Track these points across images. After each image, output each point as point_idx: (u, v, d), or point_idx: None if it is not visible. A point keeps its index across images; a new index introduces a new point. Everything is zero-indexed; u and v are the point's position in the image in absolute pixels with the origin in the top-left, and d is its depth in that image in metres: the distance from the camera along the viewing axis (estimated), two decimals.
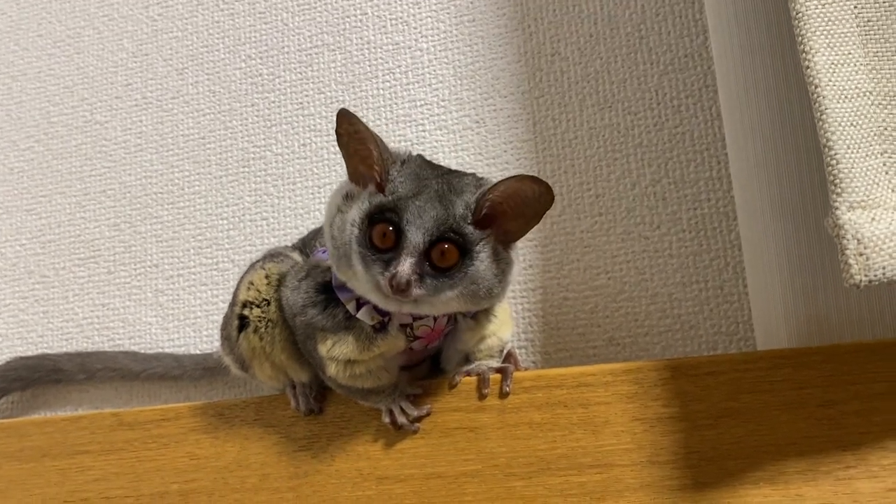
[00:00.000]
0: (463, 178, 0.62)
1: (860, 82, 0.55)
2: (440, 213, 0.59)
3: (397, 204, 0.59)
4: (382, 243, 0.59)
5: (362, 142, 0.61)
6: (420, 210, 0.59)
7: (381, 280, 0.58)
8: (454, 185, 0.61)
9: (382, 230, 0.59)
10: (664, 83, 0.86)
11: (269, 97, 1.00)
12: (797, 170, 0.69)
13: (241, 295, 0.72)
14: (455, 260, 0.59)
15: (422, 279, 0.58)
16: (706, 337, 0.79)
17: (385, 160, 0.61)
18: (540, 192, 0.59)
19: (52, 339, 0.99)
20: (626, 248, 0.83)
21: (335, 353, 0.65)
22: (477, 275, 0.60)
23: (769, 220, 0.71)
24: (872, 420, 0.60)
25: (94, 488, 0.77)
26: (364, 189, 0.62)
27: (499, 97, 0.91)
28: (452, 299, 0.60)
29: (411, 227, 0.58)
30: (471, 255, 0.60)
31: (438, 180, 0.61)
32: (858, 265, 0.50)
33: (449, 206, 0.59)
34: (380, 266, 0.59)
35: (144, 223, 1.00)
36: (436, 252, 0.59)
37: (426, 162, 0.64)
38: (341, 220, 0.62)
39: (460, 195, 0.60)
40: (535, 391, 0.68)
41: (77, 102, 1.07)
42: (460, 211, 0.59)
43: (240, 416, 0.75)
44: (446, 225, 0.59)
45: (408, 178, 0.61)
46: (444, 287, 0.59)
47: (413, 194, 0.59)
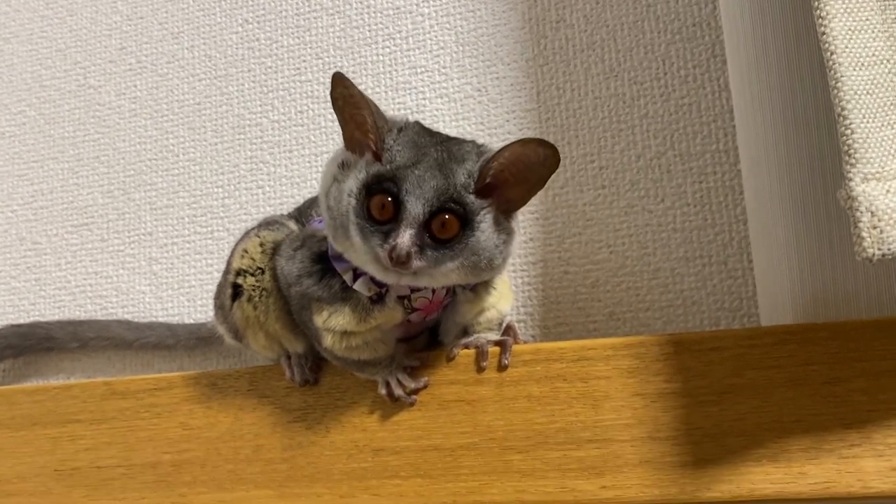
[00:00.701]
0: (463, 146, 0.60)
1: (878, 49, 0.53)
2: (440, 183, 0.57)
3: (396, 174, 0.57)
4: (381, 215, 0.57)
5: (357, 107, 0.59)
6: (420, 180, 0.57)
7: (381, 252, 0.57)
8: (454, 153, 0.59)
9: (381, 201, 0.57)
10: (671, 52, 0.84)
11: (265, 62, 0.97)
12: (807, 142, 0.68)
13: (234, 263, 0.70)
14: (456, 231, 0.58)
15: (422, 251, 0.57)
16: (709, 313, 0.78)
17: (380, 128, 0.59)
18: (545, 154, 0.57)
19: (44, 306, 0.98)
20: (629, 221, 0.81)
21: (331, 325, 0.64)
22: (478, 245, 0.58)
23: (777, 194, 0.69)
24: (879, 398, 0.59)
25: (85, 457, 0.76)
26: (360, 157, 0.60)
27: (502, 65, 0.89)
28: (453, 271, 0.59)
29: (410, 197, 0.57)
30: (472, 225, 0.58)
31: (438, 147, 0.59)
32: (872, 238, 0.48)
33: (449, 175, 0.57)
34: (378, 238, 0.57)
35: (138, 190, 0.98)
36: (436, 223, 0.57)
37: (424, 129, 0.62)
38: (337, 190, 0.60)
39: (461, 163, 0.58)
40: (533, 364, 0.66)
41: (70, 66, 1.05)
42: (462, 180, 0.58)
43: (233, 386, 0.74)
44: (447, 195, 0.57)
45: (406, 146, 0.59)
46: (445, 258, 0.58)
47: (412, 163, 0.58)
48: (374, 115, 0.59)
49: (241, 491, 0.70)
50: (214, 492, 0.71)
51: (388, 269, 0.58)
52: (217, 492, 0.71)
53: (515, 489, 0.64)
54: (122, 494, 0.74)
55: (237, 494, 0.70)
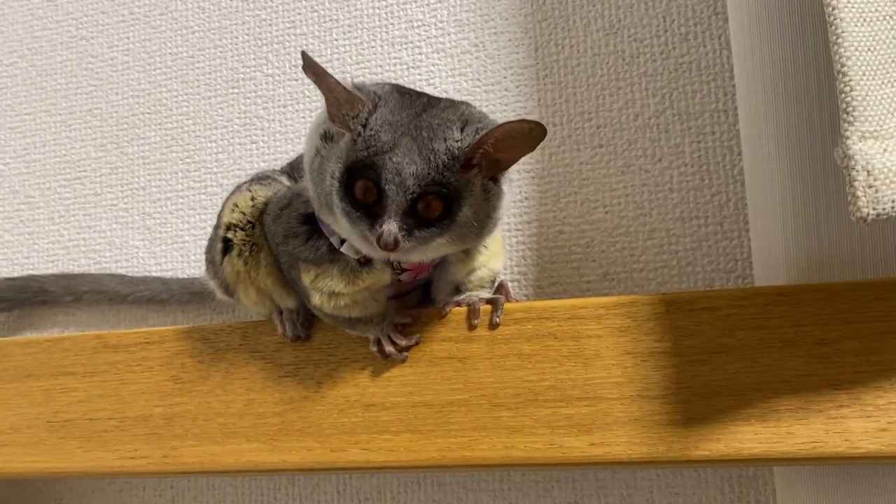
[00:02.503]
0: (444, 114, 0.58)
1: (880, 5, 0.52)
2: (420, 169, 0.55)
3: (374, 160, 0.56)
4: (365, 199, 0.57)
5: (325, 83, 0.56)
6: (398, 167, 0.55)
7: (369, 236, 0.56)
8: (435, 129, 0.56)
9: (363, 187, 0.56)
10: (672, 9, 0.82)
11: (259, 14, 0.95)
12: (807, 102, 0.67)
13: (225, 217, 0.70)
14: (441, 210, 0.57)
15: (409, 233, 0.56)
16: (703, 274, 0.78)
17: (351, 117, 0.57)
18: (530, 128, 0.56)
19: (37, 260, 0.98)
20: (626, 181, 0.81)
21: (319, 286, 0.63)
22: (466, 219, 0.58)
23: (775, 154, 0.69)
24: (869, 360, 0.59)
25: (77, 409, 0.76)
26: (343, 131, 0.58)
27: (500, 19, 0.87)
28: (443, 245, 0.59)
29: (391, 185, 0.55)
30: (458, 202, 0.57)
31: (415, 123, 0.57)
32: (867, 197, 0.48)
33: (430, 157, 0.56)
34: (365, 223, 0.57)
35: (131, 144, 0.97)
36: (421, 205, 0.56)
37: (402, 97, 0.59)
38: (320, 167, 0.59)
39: (443, 140, 0.56)
40: (525, 323, 0.66)
41: (62, 17, 1.03)
42: (443, 160, 0.56)
43: (225, 340, 0.74)
44: (428, 178, 0.56)
45: (382, 127, 0.56)
46: (434, 236, 0.57)
47: (389, 148, 0.56)
48: (340, 103, 0.56)
49: (233, 444, 0.71)
50: (206, 444, 0.71)
51: (379, 253, 0.57)
52: (208, 444, 0.71)
53: (505, 445, 0.64)
54: (115, 446, 0.74)
55: (228, 447, 0.71)
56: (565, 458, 0.63)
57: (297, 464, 0.69)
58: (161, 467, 0.72)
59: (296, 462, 0.69)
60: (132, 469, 0.73)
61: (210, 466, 0.71)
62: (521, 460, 0.64)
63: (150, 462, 0.73)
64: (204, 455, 0.71)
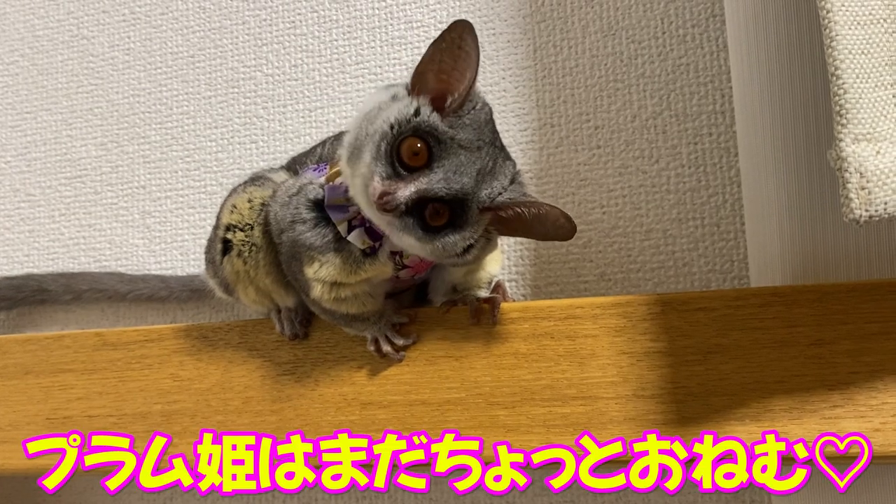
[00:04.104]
0: (505, 164, 0.59)
1: (874, 9, 0.52)
2: (468, 185, 0.56)
3: (449, 142, 0.56)
4: (407, 157, 0.56)
5: (458, 59, 0.56)
6: (458, 166, 0.56)
7: (378, 184, 0.56)
8: (496, 169, 0.58)
9: (416, 148, 0.56)
10: (670, 11, 0.82)
11: (260, 15, 0.96)
12: (802, 104, 0.67)
13: (224, 218, 0.70)
14: (441, 224, 0.57)
15: (405, 213, 0.56)
16: (699, 275, 0.78)
17: (467, 94, 0.57)
18: (564, 224, 0.57)
19: (37, 258, 0.98)
20: (623, 182, 0.81)
21: (321, 275, 0.64)
22: (451, 247, 0.58)
23: (771, 156, 0.69)
24: (863, 360, 0.59)
25: (76, 407, 0.76)
26: (416, 96, 0.58)
27: (499, 20, 0.88)
28: (416, 248, 0.59)
29: (440, 172, 0.56)
30: (458, 229, 0.58)
31: (490, 150, 0.58)
32: (860, 199, 0.48)
33: (479, 185, 0.57)
34: (386, 172, 0.56)
35: (132, 143, 0.98)
36: (433, 206, 0.57)
37: (492, 120, 0.60)
38: (377, 114, 0.58)
39: (492, 181, 0.57)
40: (521, 322, 0.67)
41: (63, 16, 1.03)
42: (482, 195, 0.57)
43: (224, 338, 0.74)
44: (462, 196, 0.56)
45: (471, 125, 0.57)
46: (412, 235, 0.57)
47: (465, 146, 0.56)
48: (472, 79, 0.57)
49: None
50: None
51: (372, 202, 0.57)
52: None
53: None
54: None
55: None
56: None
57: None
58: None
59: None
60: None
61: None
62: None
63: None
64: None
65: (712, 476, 0.59)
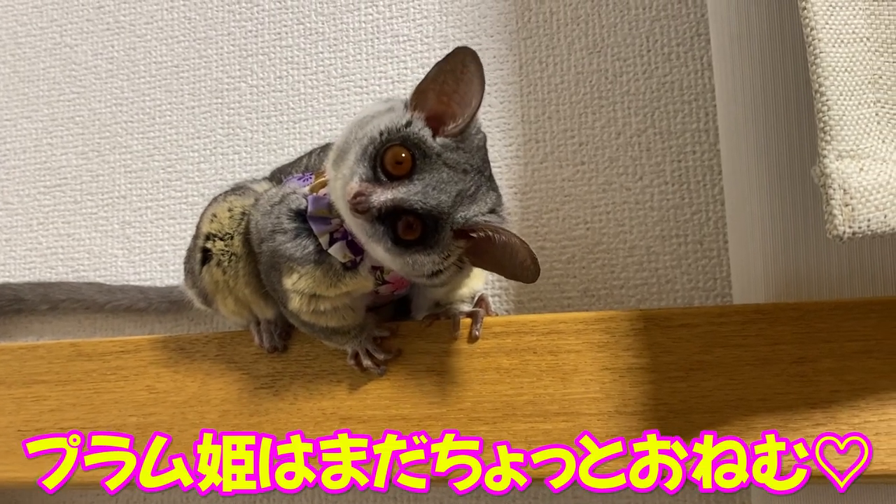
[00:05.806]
0: (489, 193, 0.59)
1: (858, 27, 0.53)
2: (445, 203, 0.56)
3: (435, 157, 0.56)
4: (391, 166, 0.56)
5: (460, 83, 0.56)
6: (440, 183, 0.56)
7: (356, 183, 0.56)
8: (477, 195, 0.58)
9: (400, 157, 0.56)
10: (655, 29, 0.83)
11: (246, 26, 0.96)
12: (786, 123, 0.67)
13: (204, 227, 0.69)
14: (412, 239, 0.57)
15: (376, 220, 0.56)
16: (682, 292, 0.78)
17: (471, 120, 0.57)
18: (530, 267, 0.56)
19: (14, 267, 0.97)
20: (607, 198, 0.81)
21: (300, 286, 0.63)
22: (419, 266, 0.58)
23: (754, 173, 0.69)
24: (845, 378, 0.59)
25: (49, 418, 0.75)
26: (413, 111, 0.58)
27: (485, 36, 0.88)
28: (386, 260, 0.59)
29: (419, 185, 0.55)
30: (428, 249, 0.57)
31: (476, 177, 0.57)
32: (843, 216, 0.48)
33: (456, 206, 0.56)
34: (367, 173, 0.56)
35: (113, 152, 0.96)
36: (405, 221, 0.56)
37: (484, 148, 0.60)
38: (370, 121, 0.58)
39: (471, 205, 0.57)
40: (504, 337, 0.66)
41: (46, 23, 1.03)
42: (457, 217, 0.57)
43: (201, 350, 0.73)
44: (438, 215, 0.56)
45: (462, 148, 0.57)
46: (380, 244, 0.57)
47: (451, 166, 0.56)
48: (476, 107, 0.57)
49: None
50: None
51: (347, 202, 0.56)
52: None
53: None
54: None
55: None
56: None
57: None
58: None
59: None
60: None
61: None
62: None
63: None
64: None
65: (712, 476, 0.58)
